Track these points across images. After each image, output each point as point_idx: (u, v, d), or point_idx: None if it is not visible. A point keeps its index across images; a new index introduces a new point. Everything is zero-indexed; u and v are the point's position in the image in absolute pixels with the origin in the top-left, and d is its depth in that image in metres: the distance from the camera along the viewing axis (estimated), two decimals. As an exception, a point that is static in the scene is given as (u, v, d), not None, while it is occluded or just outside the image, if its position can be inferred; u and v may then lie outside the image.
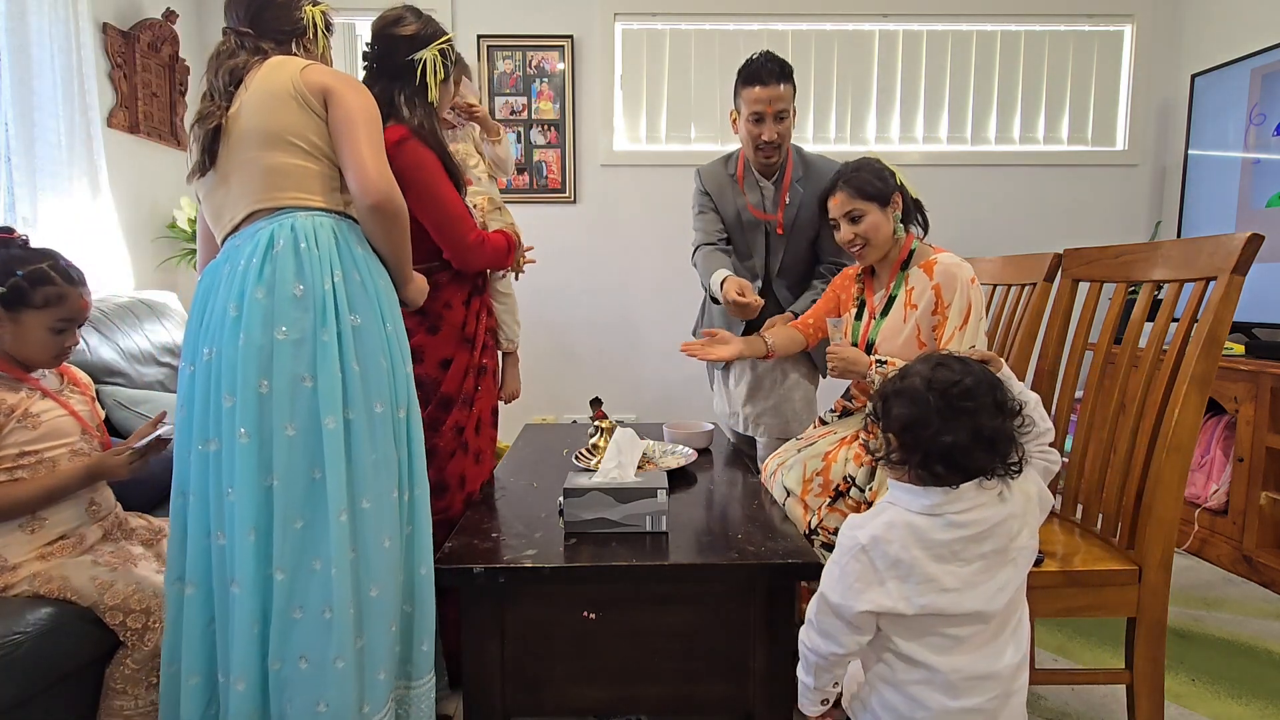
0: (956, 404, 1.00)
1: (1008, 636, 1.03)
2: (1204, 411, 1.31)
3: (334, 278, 1.21)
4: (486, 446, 1.74)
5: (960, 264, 1.56)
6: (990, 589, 1.00)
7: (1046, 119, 3.32)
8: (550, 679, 1.27)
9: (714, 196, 2.14)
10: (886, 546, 1.01)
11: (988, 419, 0.99)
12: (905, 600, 1.00)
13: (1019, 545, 1.03)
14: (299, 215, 1.23)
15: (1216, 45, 3.02)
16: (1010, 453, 1.02)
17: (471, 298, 1.71)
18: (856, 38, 3.26)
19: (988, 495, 1.02)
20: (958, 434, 0.99)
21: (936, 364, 1.04)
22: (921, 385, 1.02)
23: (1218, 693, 1.71)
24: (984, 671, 1.01)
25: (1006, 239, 3.26)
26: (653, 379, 3.35)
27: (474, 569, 1.21)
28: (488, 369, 1.75)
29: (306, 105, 1.25)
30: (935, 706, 1.01)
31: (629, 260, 3.32)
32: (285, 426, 1.16)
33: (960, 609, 0.99)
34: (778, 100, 1.96)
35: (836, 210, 1.64)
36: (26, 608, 1.24)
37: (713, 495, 1.63)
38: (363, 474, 1.19)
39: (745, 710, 1.29)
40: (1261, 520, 2.31)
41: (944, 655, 1.01)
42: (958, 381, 1.00)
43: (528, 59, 3.22)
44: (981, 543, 1.01)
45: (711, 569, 1.24)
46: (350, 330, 1.22)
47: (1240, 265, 1.26)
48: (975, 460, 1.00)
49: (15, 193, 2.12)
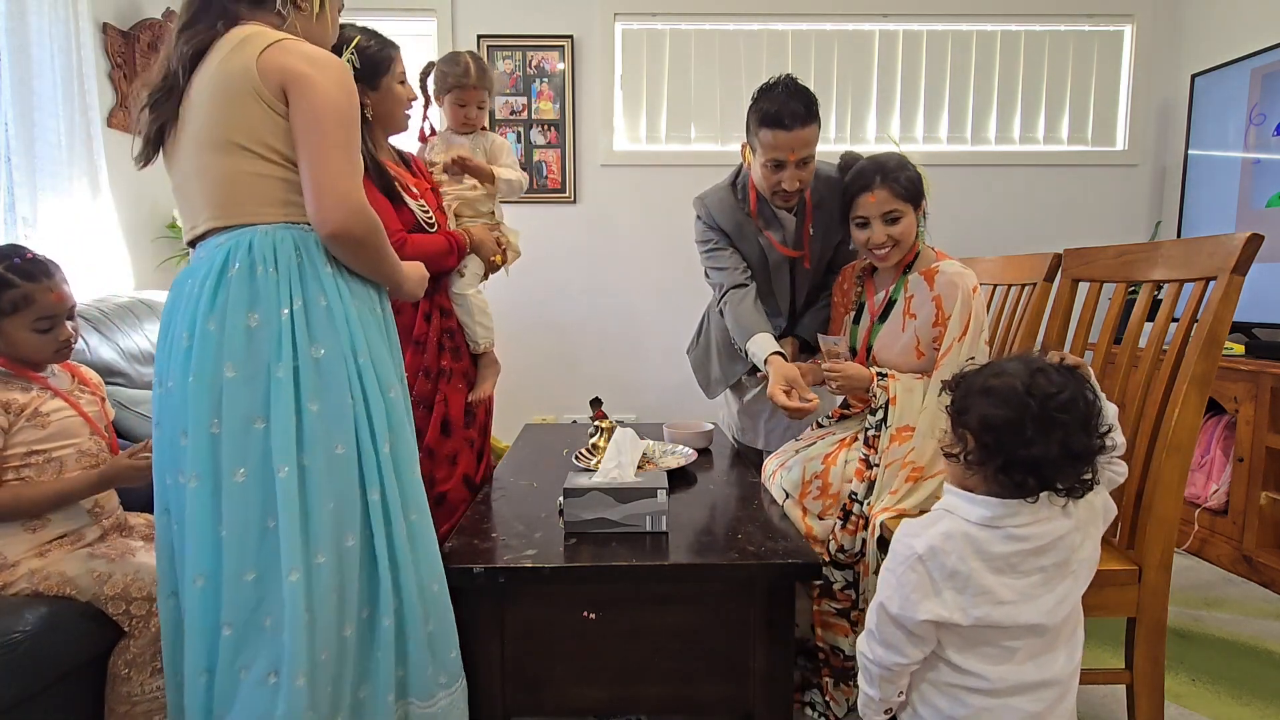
0: (1054, 415, 0.94)
1: (1062, 645, 1.01)
2: (1204, 411, 1.31)
3: (293, 304, 1.09)
4: (463, 449, 1.73)
5: (963, 272, 1.53)
6: (1049, 602, 0.98)
7: (1046, 119, 3.32)
8: (550, 679, 1.27)
9: (731, 235, 1.88)
10: (944, 558, 0.98)
11: (1079, 435, 0.95)
12: (961, 611, 0.97)
13: (1081, 558, 1.00)
14: (258, 231, 1.10)
15: (1216, 45, 3.02)
16: (1088, 470, 0.98)
17: (428, 296, 1.71)
18: (856, 38, 3.26)
19: (1052, 509, 0.98)
20: (1049, 446, 0.94)
21: (1036, 369, 0.98)
22: (1020, 388, 0.96)
23: (1218, 693, 1.71)
24: (1035, 680, 0.99)
25: (1006, 239, 3.26)
26: (653, 379, 3.35)
27: (474, 569, 1.21)
28: (452, 371, 1.74)
29: (262, 100, 1.07)
30: (977, 705, 0.99)
31: (629, 260, 3.32)
32: (235, 471, 1.05)
33: (1015, 621, 0.96)
34: (802, 147, 1.67)
35: (872, 209, 1.53)
36: (25, 606, 1.24)
37: (713, 495, 1.63)
38: (319, 524, 1.07)
39: (745, 710, 1.29)
40: (1261, 520, 2.31)
41: (996, 665, 0.99)
42: (1057, 393, 0.95)
43: (528, 59, 3.22)
44: (1042, 556, 0.98)
45: (711, 569, 1.24)
46: (311, 364, 1.09)
47: (1240, 265, 1.25)
48: (1060, 475, 0.96)
49: (15, 193, 2.12)
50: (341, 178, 1.07)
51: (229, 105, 1.07)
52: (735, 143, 3.29)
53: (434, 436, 1.69)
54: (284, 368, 1.06)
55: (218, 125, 1.08)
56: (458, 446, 1.73)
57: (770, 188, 1.74)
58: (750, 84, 3.24)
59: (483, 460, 1.84)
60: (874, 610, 1.04)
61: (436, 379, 1.72)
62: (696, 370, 2.13)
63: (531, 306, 3.32)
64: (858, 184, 1.56)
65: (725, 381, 2.03)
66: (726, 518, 1.47)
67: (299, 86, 1.06)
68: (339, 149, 1.07)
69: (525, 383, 3.32)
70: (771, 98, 1.66)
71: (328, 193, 1.07)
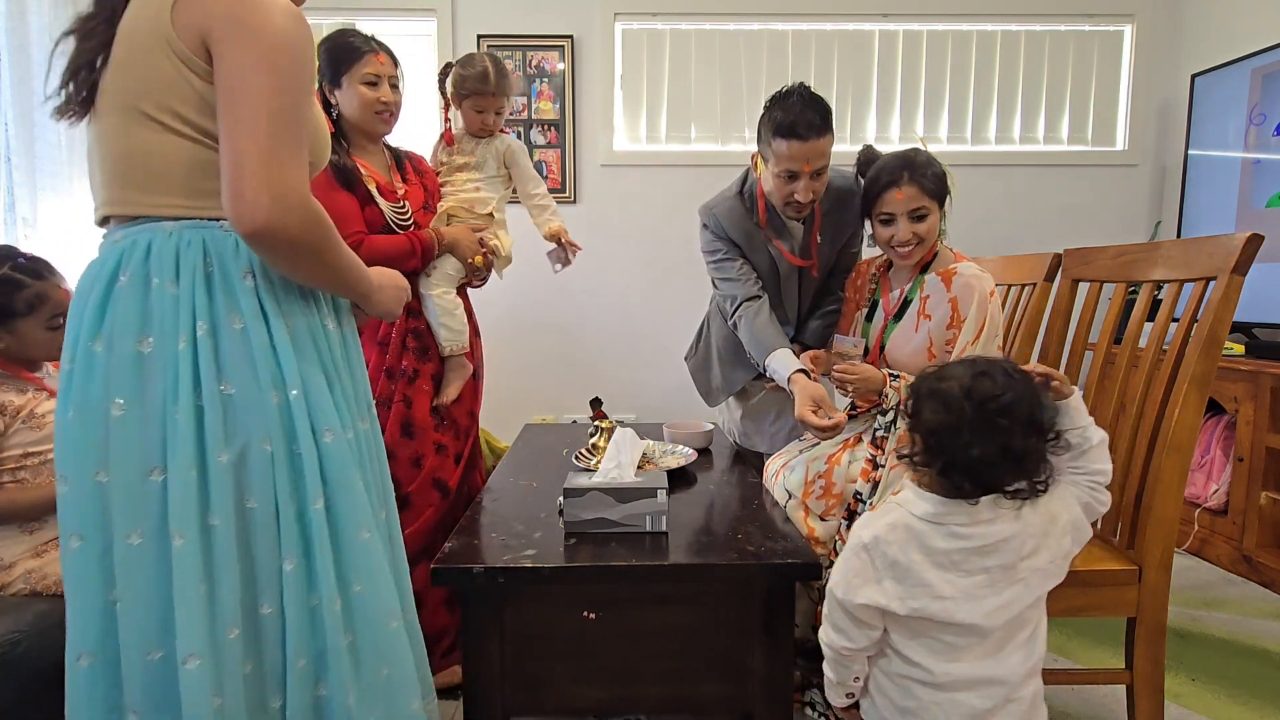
0: (992, 419, 0.96)
1: (1014, 648, 1.02)
2: (1204, 411, 1.31)
3: (195, 330, 0.88)
4: (429, 452, 1.72)
5: (981, 275, 1.52)
6: (990, 604, 0.99)
7: (1046, 119, 3.31)
8: (550, 679, 1.27)
9: (742, 246, 1.83)
10: (886, 547, 1.02)
11: (1020, 438, 0.96)
12: (899, 600, 1.01)
13: (1032, 565, 1.01)
14: (159, 231, 0.89)
15: (1216, 45, 3.02)
16: (1037, 472, 0.99)
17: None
18: (856, 38, 3.25)
19: (1000, 511, 1.00)
20: (986, 448, 0.96)
21: (979, 372, 1.00)
22: (959, 392, 0.98)
23: (1218, 693, 1.71)
24: (980, 676, 1.01)
25: (1006, 239, 3.26)
26: (653, 379, 3.34)
27: (474, 569, 1.21)
28: (417, 372, 1.73)
29: (176, 56, 0.84)
30: (925, 699, 1.02)
31: (629, 260, 3.32)
32: (129, 534, 0.87)
33: (952, 618, 0.99)
34: (818, 158, 1.62)
35: (899, 206, 1.49)
36: (23, 606, 1.24)
37: (713, 495, 1.63)
38: (228, 593, 0.89)
39: (744, 710, 1.28)
40: (1261, 520, 2.31)
41: (939, 659, 1.01)
42: (997, 396, 0.96)
43: (528, 59, 3.22)
44: (986, 556, 0.99)
45: (711, 569, 1.24)
46: (217, 404, 0.88)
47: (1240, 265, 1.25)
48: (998, 477, 0.98)
49: (15, 193, 2.12)
50: (272, 159, 0.83)
51: (141, 57, 0.86)
52: (735, 143, 3.29)
53: (392, 437, 1.68)
54: (182, 409, 0.86)
55: (126, 80, 0.87)
56: (422, 449, 1.71)
57: (783, 199, 1.69)
58: (750, 84, 3.28)
59: (465, 463, 1.81)
60: (827, 596, 1.09)
61: (397, 379, 1.71)
62: (696, 378, 2.10)
63: (531, 306, 3.31)
64: (885, 179, 1.52)
65: (727, 390, 2.00)
66: (726, 518, 1.47)
67: (221, 43, 0.83)
68: (274, 121, 0.83)
69: (525, 383, 3.32)
70: (786, 106, 1.60)
71: (250, 177, 0.82)
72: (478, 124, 1.83)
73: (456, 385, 1.79)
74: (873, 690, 1.09)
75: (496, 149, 1.86)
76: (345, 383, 1.03)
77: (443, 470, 1.75)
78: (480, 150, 1.86)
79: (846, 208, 1.76)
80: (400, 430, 1.70)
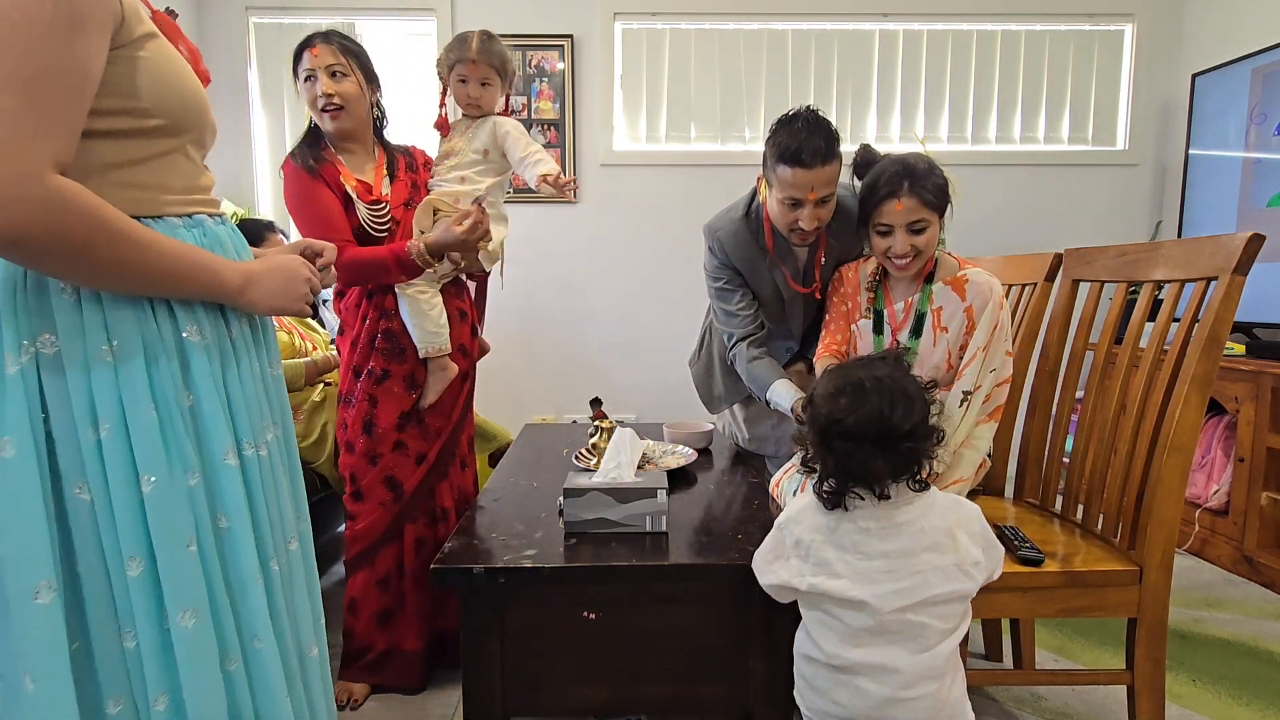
0: (834, 443, 1.05)
1: (909, 642, 1.05)
2: (1205, 412, 1.31)
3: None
4: (385, 450, 1.69)
5: (991, 280, 1.51)
6: (885, 588, 1.04)
7: (1047, 119, 3.31)
8: (550, 679, 1.27)
9: (745, 274, 1.79)
10: (795, 526, 1.11)
11: (864, 457, 1.04)
12: (799, 576, 1.09)
13: (933, 561, 1.05)
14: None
15: (1216, 45, 3.02)
16: (905, 467, 1.06)
17: (362, 299, 1.70)
18: (856, 38, 3.25)
19: (903, 496, 1.07)
20: (840, 460, 1.05)
21: (832, 392, 1.08)
22: (815, 409, 1.09)
23: (1218, 693, 1.71)
24: (875, 662, 1.05)
25: (1006, 239, 3.26)
26: (653, 379, 3.34)
27: (474, 569, 1.21)
28: (386, 373, 1.69)
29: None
30: (830, 679, 1.08)
31: (629, 260, 3.32)
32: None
33: (844, 595, 1.05)
34: (823, 185, 1.54)
35: (898, 218, 1.45)
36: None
37: (713, 495, 1.62)
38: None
39: (744, 710, 1.28)
40: (1262, 520, 2.31)
41: (840, 643, 1.06)
42: (839, 420, 1.05)
43: (528, 59, 3.22)
44: (885, 539, 1.06)
45: (711, 569, 1.24)
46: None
47: (1241, 265, 1.25)
48: (867, 476, 1.05)
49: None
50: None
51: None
52: (735, 143, 3.29)
53: (353, 433, 1.70)
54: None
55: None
56: (380, 448, 1.69)
57: (787, 225, 1.63)
58: (750, 84, 3.28)
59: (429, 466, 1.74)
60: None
61: (363, 378, 1.69)
62: (698, 385, 2.08)
63: (531, 306, 3.31)
64: (884, 189, 1.47)
65: (728, 400, 1.99)
66: (726, 518, 1.47)
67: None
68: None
69: (525, 383, 3.32)
70: (791, 131, 1.53)
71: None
72: (463, 97, 1.72)
73: (436, 389, 1.73)
74: (795, 673, 1.16)
75: (486, 131, 1.73)
76: (229, 410, 0.87)
77: (399, 469, 1.71)
78: (469, 134, 1.74)
79: (853, 227, 1.68)
80: (362, 428, 1.69)
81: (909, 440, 1.04)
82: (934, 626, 1.05)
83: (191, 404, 0.83)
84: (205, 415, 0.84)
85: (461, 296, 1.84)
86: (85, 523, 0.76)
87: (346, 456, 1.72)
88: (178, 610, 0.78)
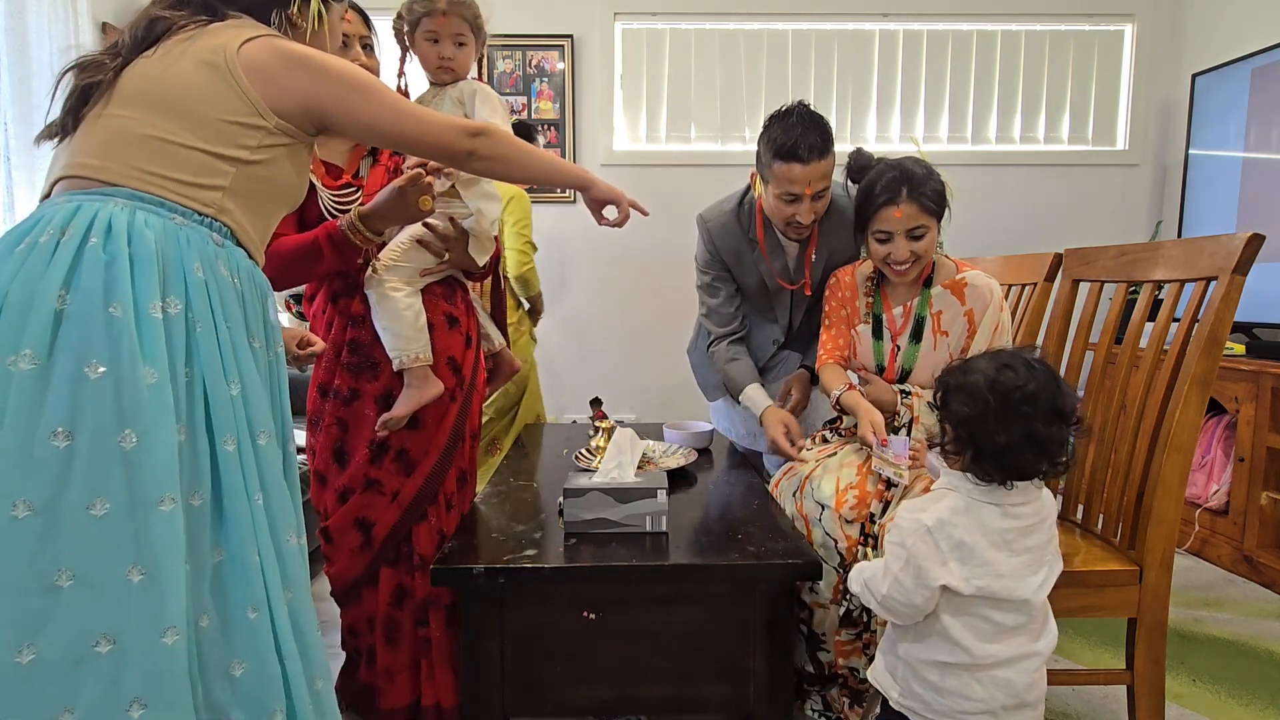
0: (1016, 408, 1.02)
1: (1041, 627, 1.09)
2: (1205, 412, 1.31)
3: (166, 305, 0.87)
4: (358, 487, 1.42)
5: (990, 282, 1.51)
6: (1036, 581, 1.05)
7: (1047, 119, 3.31)
8: (550, 679, 1.27)
9: (731, 265, 1.80)
10: (951, 529, 1.05)
11: (1043, 424, 1.02)
12: (964, 581, 1.04)
13: (1053, 546, 1.09)
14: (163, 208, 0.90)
15: (1216, 45, 3.02)
16: (1059, 455, 1.05)
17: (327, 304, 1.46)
18: (856, 38, 3.25)
19: (1032, 492, 1.07)
20: (1012, 435, 1.02)
21: (1002, 364, 1.06)
22: (984, 384, 1.04)
23: (1218, 693, 1.71)
24: (1026, 651, 1.06)
25: (1006, 239, 3.26)
26: (653, 379, 3.34)
27: (474, 569, 1.21)
28: (355, 393, 1.42)
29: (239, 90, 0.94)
30: (963, 678, 1.05)
31: (629, 260, 3.32)
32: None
33: (1013, 595, 1.04)
34: (819, 180, 1.56)
35: (897, 224, 1.43)
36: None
37: (713, 495, 1.62)
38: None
39: (745, 711, 1.28)
40: (1262, 520, 2.31)
41: (982, 641, 1.05)
42: (1021, 386, 1.02)
43: (528, 58, 3.22)
44: (1028, 536, 1.06)
45: (711, 569, 1.24)
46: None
47: (1241, 265, 1.25)
48: (1024, 462, 1.03)
49: (15, 192, 2.12)
50: None
51: (181, 76, 0.94)
52: (735, 143, 3.29)
53: (324, 462, 1.46)
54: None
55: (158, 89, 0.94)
56: (352, 483, 1.42)
57: (784, 220, 1.65)
58: (750, 84, 3.28)
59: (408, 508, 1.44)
60: (884, 579, 1.08)
61: (329, 398, 1.44)
62: (696, 371, 2.12)
63: (531, 306, 3.31)
64: (882, 195, 1.45)
65: (723, 390, 1.99)
66: (726, 518, 1.47)
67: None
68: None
69: (525, 383, 3.31)
70: (785, 127, 1.55)
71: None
72: (432, 59, 1.43)
73: (405, 404, 1.39)
74: (906, 677, 1.11)
75: (454, 97, 1.44)
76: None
77: (371, 510, 1.42)
78: (436, 104, 1.45)
79: (846, 226, 1.67)
80: (332, 456, 1.44)
81: (1073, 415, 1.04)
82: (1049, 606, 1.09)
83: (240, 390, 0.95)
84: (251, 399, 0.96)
85: (454, 300, 1.52)
86: (229, 459, 0.90)
87: (317, 489, 1.48)
88: (285, 533, 0.96)
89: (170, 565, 0.83)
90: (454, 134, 1.07)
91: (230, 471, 0.90)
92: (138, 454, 0.83)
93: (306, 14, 1.05)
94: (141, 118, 0.91)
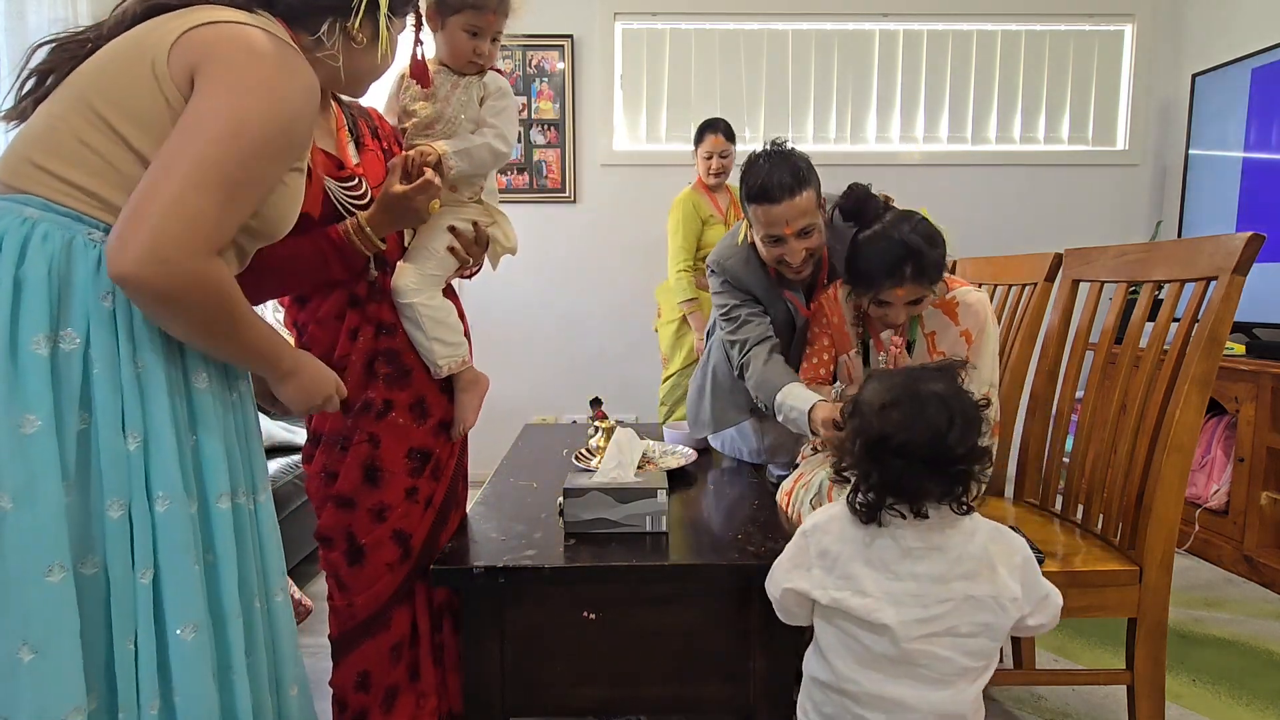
0: (884, 458, 0.99)
1: (925, 678, 0.99)
2: (1205, 412, 1.31)
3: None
4: (399, 503, 1.31)
5: (982, 298, 1.52)
6: (911, 614, 0.98)
7: (1047, 119, 3.32)
8: (550, 679, 1.27)
9: (761, 299, 1.72)
10: (823, 536, 1.05)
11: (915, 476, 0.97)
12: (821, 589, 1.03)
13: (967, 589, 0.99)
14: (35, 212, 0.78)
15: (1216, 45, 3.02)
16: (952, 490, 0.99)
17: (345, 309, 1.29)
18: (856, 38, 3.25)
19: (943, 516, 1.00)
20: (886, 475, 0.99)
21: (886, 403, 1.01)
22: (868, 420, 1.02)
23: (1218, 693, 1.71)
24: (890, 695, 0.99)
25: (1006, 239, 3.26)
26: (653, 379, 3.34)
27: (474, 569, 1.21)
28: (389, 404, 1.31)
29: (162, 93, 0.81)
30: (841, 707, 1.03)
31: (629, 260, 3.32)
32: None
33: (869, 617, 0.99)
34: (798, 218, 1.50)
35: (898, 299, 1.41)
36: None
37: (713, 495, 1.62)
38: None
39: (745, 711, 1.28)
40: (1262, 520, 2.31)
41: (856, 665, 1.01)
42: (892, 436, 0.98)
43: (527, 58, 3.22)
44: (916, 561, 0.99)
45: (711, 569, 1.24)
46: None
47: (1241, 265, 1.25)
48: (893, 499, 1.00)
49: (15, 192, 2.12)
50: (178, 207, 0.76)
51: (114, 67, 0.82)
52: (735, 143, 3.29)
53: (352, 484, 1.29)
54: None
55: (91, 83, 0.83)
56: (389, 498, 1.30)
57: (773, 261, 1.60)
58: (750, 84, 3.28)
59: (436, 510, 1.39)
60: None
61: (358, 415, 1.30)
62: (689, 405, 1.99)
63: (531, 306, 3.32)
64: (885, 277, 1.39)
65: (714, 426, 1.88)
66: (726, 518, 1.47)
67: (211, 75, 0.80)
68: (206, 170, 0.77)
69: (526, 382, 3.32)
70: (755, 170, 1.52)
71: (138, 217, 0.75)
72: (466, 53, 1.35)
73: (474, 407, 1.40)
74: (802, 695, 1.12)
75: (474, 93, 1.37)
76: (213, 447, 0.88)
77: (408, 520, 1.33)
78: (453, 95, 1.35)
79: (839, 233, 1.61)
80: (363, 476, 1.30)
81: (963, 462, 0.98)
82: (956, 661, 0.99)
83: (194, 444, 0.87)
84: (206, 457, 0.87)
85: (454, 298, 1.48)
86: (114, 526, 0.79)
87: (336, 515, 1.30)
88: (179, 623, 0.82)
89: (63, 641, 0.74)
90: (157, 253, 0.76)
91: (116, 542, 0.78)
92: (16, 516, 0.72)
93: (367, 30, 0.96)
94: (73, 115, 0.80)
